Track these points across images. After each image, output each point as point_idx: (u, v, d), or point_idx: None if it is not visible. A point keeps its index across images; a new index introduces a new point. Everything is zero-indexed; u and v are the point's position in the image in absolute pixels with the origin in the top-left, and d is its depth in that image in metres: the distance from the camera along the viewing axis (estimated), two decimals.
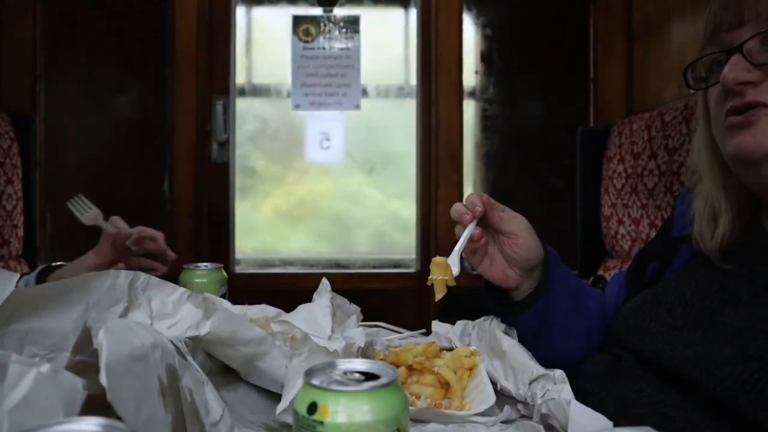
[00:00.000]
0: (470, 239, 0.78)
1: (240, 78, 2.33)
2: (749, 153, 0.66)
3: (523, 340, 0.78)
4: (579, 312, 0.86)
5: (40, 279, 1.18)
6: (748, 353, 0.59)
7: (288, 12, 2.33)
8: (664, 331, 0.69)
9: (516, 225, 0.80)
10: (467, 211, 0.78)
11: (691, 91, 0.77)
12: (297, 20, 2.32)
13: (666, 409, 0.63)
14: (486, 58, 2.35)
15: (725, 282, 0.68)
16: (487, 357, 0.76)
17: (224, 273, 1.03)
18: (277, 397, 0.61)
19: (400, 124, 2.38)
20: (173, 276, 0.88)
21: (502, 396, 0.68)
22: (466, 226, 0.78)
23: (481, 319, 0.85)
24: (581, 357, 0.81)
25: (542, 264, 0.82)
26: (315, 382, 0.38)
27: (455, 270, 0.78)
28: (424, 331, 0.94)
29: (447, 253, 0.79)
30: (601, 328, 0.88)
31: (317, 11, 2.33)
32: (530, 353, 0.72)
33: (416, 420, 0.62)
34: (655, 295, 0.75)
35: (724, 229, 0.71)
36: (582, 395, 0.60)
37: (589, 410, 0.56)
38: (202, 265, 1.01)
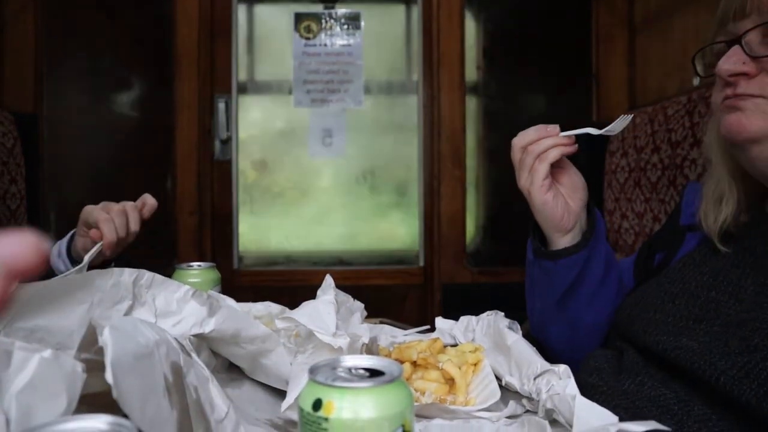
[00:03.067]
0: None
1: (242, 75, 2.33)
2: (734, 134, 0.68)
3: (550, 296, 0.80)
4: (607, 281, 0.86)
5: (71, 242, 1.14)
6: (751, 344, 0.59)
7: (289, 9, 2.32)
8: (669, 322, 0.69)
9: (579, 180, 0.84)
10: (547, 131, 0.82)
11: (695, 83, 0.77)
12: (298, 17, 2.32)
13: (667, 402, 0.63)
14: (488, 53, 2.34)
15: (730, 274, 0.68)
16: (492, 352, 0.76)
17: (217, 272, 1.01)
18: (281, 394, 0.61)
19: (402, 121, 2.38)
20: (166, 276, 0.86)
21: (507, 391, 0.68)
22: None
23: (485, 314, 0.85)
24: (598, 331, 0.82)
25: (588, 221, 0.85)
26: (320, 378, 0.38)
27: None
28: (428, 327, 0.93)
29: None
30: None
31: (318, 8, 2.33)
32: (534, 348, 0.72)
33: (421, 416, 0.62)
34: (659, 285, 0.75)
35: (727, 212, 0.72)
36: (585, 390, 0.60)
37: (594, 405, 0.56)
38: (195, 264, 1.00)
